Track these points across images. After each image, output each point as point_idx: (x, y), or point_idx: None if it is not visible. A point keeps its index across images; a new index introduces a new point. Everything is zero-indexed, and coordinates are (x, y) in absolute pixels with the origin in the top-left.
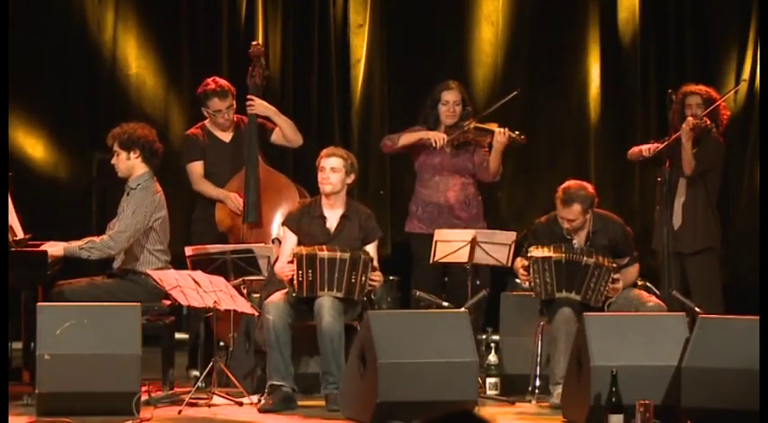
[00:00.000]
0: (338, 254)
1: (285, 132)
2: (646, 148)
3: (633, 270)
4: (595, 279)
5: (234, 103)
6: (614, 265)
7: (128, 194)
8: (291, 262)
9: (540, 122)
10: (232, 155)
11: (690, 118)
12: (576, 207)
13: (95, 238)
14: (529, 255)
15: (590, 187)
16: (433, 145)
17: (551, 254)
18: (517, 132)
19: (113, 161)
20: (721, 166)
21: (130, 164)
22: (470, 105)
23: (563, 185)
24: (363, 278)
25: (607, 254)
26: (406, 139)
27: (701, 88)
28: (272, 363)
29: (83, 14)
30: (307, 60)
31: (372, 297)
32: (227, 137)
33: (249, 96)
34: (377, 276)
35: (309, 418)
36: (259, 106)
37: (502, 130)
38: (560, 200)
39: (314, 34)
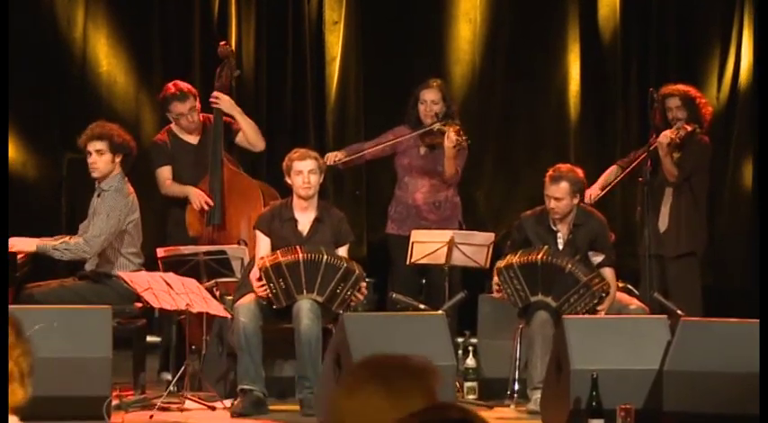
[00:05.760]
0: (324, 257)
1: (247, 134)
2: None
3: (610, 277)
4: (577, 296)
5: (197, 104)
6: (603, 293)
7: (99, 196)
8: (260, 278)
9: (520, 121)
10: (199, 157)
11: (667, 133)
12: (564, 185)
13: (69, 240)
14: (495, 267)
15: (580, 171)
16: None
17: (513, 259)
18: (465, 137)
19: (92, 160)
20: (708, 167)
21: (112, 167)
22: (454, 105)
23: (553, 167)
24: (349, 293)
25: (586, 249)
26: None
27: (680, 88)
28: (242, 366)
29: (52, 11)
30: (281, 58)
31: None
32: (194, 139)
33: (215, 94)
34: (362, 293)
35: None
36: (225, 102)
37: (448, 133)
38: (549, 177)
39: (288, 32)
